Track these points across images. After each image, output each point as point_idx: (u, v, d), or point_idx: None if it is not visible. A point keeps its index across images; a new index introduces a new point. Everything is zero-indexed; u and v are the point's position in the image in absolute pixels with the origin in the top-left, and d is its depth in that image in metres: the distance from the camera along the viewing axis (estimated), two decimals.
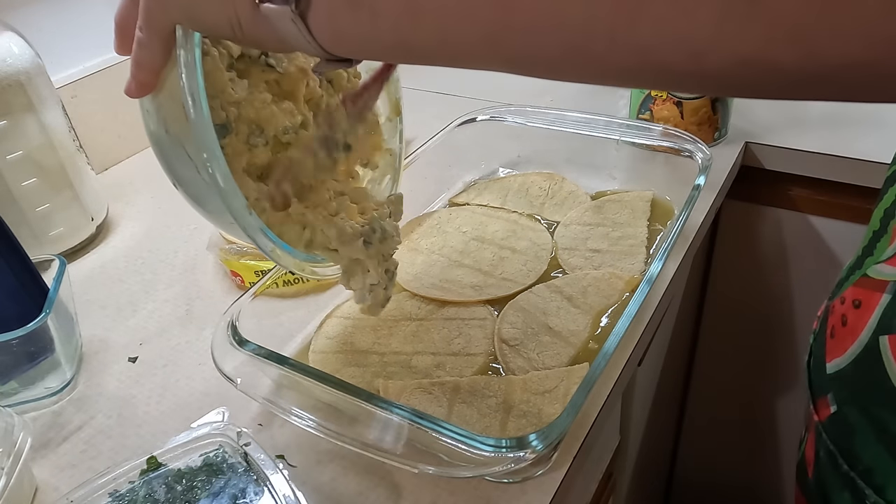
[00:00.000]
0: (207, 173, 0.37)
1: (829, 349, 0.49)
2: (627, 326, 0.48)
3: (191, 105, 0.36)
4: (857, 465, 0.45)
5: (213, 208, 0.41)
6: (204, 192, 0.40)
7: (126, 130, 0.93)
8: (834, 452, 0.47)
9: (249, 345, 0.50)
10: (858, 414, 0.45)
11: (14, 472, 0.45)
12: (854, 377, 0.46)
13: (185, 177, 0.41)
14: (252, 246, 0.42)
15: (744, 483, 1.22)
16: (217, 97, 0.41)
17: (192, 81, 0.35)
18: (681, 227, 0.58)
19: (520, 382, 0.51)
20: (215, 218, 0.43)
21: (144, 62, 0.37)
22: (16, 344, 0.52)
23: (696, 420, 1.18)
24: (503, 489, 0.45)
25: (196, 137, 0.36)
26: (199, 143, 0.36)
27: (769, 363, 1.04)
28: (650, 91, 0.78)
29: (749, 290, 0.98)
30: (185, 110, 0.36)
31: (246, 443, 0.46)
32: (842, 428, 0.47)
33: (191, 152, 0.38)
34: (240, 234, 0.41)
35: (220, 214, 0.40)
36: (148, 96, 0.39)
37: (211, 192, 0.38)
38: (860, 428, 0.45)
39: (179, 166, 0.40)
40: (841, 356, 0.47)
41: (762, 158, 0.83)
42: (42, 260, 0.60)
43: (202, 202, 0.42)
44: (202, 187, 0.39)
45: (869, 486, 0.44)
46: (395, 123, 0.54)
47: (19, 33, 0.69)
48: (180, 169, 0.40)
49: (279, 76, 0.46)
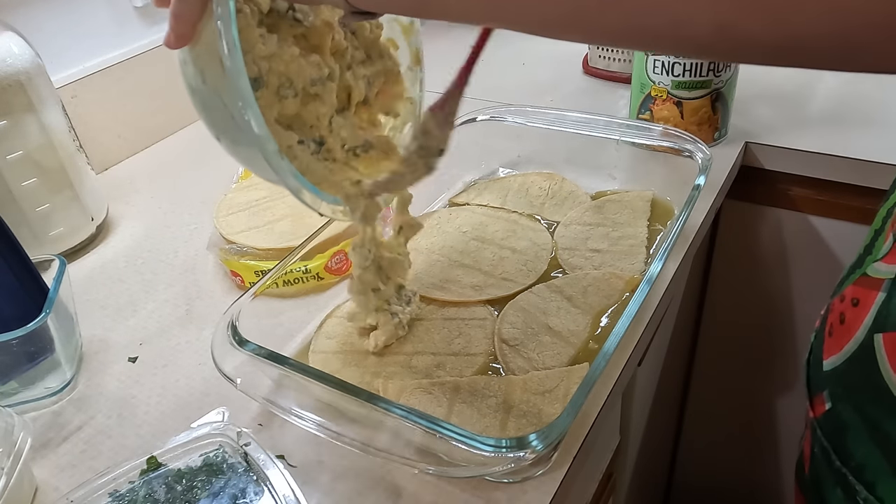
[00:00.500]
0: (242, 120, 0.39)
1: (826, 347, 0.50)
2: (627, 326, 0.48)
3: (227, 55, 0.37)
4: (850, 462, 0.45)
5: (247, 154, 0.44)
6: (239, 138, 0.42)
7: (126, 130, 0.93)
8: (827, 449, 0.48)
9: (249, 345, 0.50)
10: (852, 411, 0.45)
11: (14, 472, 0.45)
12: (848, 374, 0.46)
13: (221, 124, 0.43)
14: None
15: (743, 483, 1.22)
16: (249, 52, 0.43)
17: (228, 33, 0.37)
18: (681, 227, 0.58)
19: (520, 382, 0.51)
20: (250, 163, 0.45)
21: (183, 14, 0.38)
22: (16, 344, 0.52)
23: (696, 420, 1.18)
24: (503, 489, 0.45)
25: (231, 85, 0.38)
26: (235, 91, 0.38)
27: (769, 363, 1.04)
28: (650, 91, 0.78)
29: (749, 290, 0.98)
30: (222, 60, 0.38)
31: (246, 443, 0.46)
32: (835, 425, 0.47)
33: (227, 100, 0.40)
34: (272, 177, 0.44)
35: (255, 159, 0.42)
36: (185, 48, 0.41)
37: (246, 138, 0.40)
38: (853, 425, 0.45)
39: (216, 115, 0.43)
40: (837, 353, 0.47)
41: (762, 158, 0.83)
42: (42, 260, 0.60)
43: (238, 148, 0.45)
44: (237, 134, 0.41)
45: (860, 483, 0.44)
46: (415, 72, 0.56)
47: (19, 33, 0.69)
48: (217, 117, 0.43)
49: (306, 30, 0.48)
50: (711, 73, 0.74)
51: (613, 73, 0.98)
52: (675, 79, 0.75)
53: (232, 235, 0.68)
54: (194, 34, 0.39)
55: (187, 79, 0.43)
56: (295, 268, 0.62)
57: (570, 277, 0.62)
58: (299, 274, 0.63)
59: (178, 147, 0.97)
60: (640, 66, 0.78)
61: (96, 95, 0.88)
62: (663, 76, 0.76)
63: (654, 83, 0.77)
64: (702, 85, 0.75)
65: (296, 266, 0.62)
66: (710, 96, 0.76)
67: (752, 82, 0.90)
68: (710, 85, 0.75)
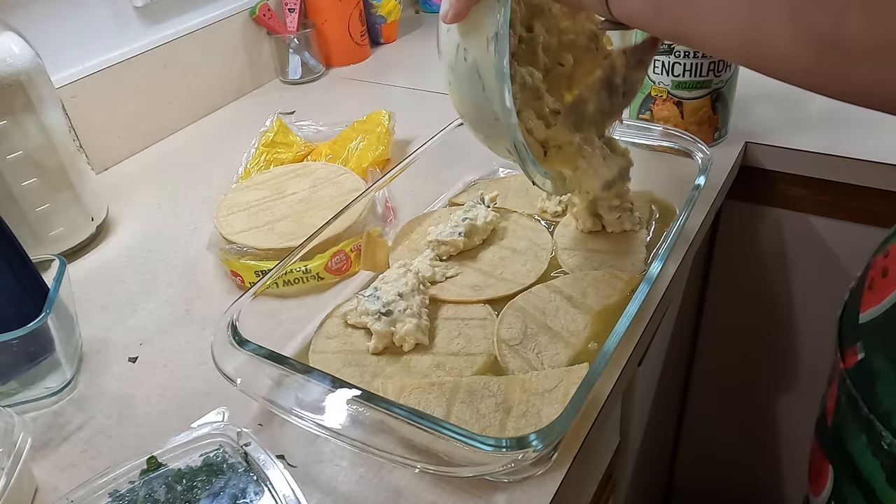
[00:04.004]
0: (498, 94, 0.46)
1: (864, 300, 0.51)
2: (627, 326, 0.49)
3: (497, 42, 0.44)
4: (878, 409, 0.46)
5: (484, 119, 0.50)
6: (482, 105, 0.48)
7: (126, 130, 0.94)
8: (856, 397, 0.48)
9: (249, 345, 0.50)
10: (885, 360, 0.46)
11: (14, 472, 0.45)
12: (886, 325, 0.47)
13: (469, 95, 0.49)
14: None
15: (744, 483, 1.22)
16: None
17: (505, 22, 0.44)
18: (681, 227, 0.58)
19: (519, 382, 0.51)
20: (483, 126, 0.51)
21: None
22: (16, 344, 0.52)
23: (696, 420, 1.18)
24: (503, 489, 0.45)
25: (496, 66, 0.45)
26: (496, 71, 0.45)
27: (769, 363, 1.04)
28: (650, 91, 0.78)
29: (749, 290, 0.98)
30: (492, 43, 0.44)
31: (246, 443, 0.46)
32: (867, 373, 0.48)
33: (483, 73, 0.46)
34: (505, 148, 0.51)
35: (495, 131, 0.49)
36: (456, 24, 0.47)
37: (487, 106, 0.47)
38: (884, 373, 0.46)
39: (468, 86, 0.48)
40: (876, 305, 0.49)
41: (762, 158, 0.83)
42: (42, 260, 0.60)
43: (477, 113, 0.50)
44: (483, 104, 0.48)
45: (887, 429, 0.45)
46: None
47: (19, 33, 0.69)
48: (467, 88, 0.48)
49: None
50: (711, 73, 0.74)
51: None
52: (675, 79, 0.75)
53: (232, 235, 0.68)
54: (468, 13, 0.45)
55: (448, 51, 0.49)
56: (295, 268, 0.62)
57: (570, 277, 0.62)
58: (299, 274, 0.63)
59: (178, 147, 0.97)
60: None
61: (96, 95, 0.88)
62: (663, 76, 0.76)
63: (655, 83, 0.77)
64: (702, 85, 0.75)
65: (296, 266, 0.62)
66: (710, 96, 0.76)
67: (752, 83, 0.89)
68: (710, 85, 0.75)
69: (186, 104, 1.01)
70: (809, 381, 1.02)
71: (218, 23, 1.03)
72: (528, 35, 0.54)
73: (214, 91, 1.05)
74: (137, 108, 0.94)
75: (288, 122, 0.92)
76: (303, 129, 0.93)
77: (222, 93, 1.07)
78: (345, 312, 0.60)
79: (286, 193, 0.74)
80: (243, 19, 1.07)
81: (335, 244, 0.64)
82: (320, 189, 0.74)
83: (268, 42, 1.12)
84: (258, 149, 0.87)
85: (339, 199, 0.71)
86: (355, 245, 0.65)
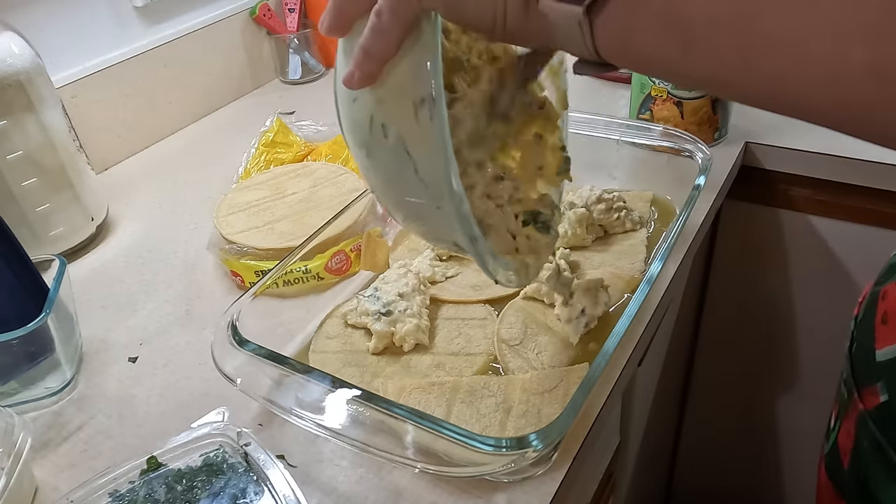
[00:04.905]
0: (439, 175, 0.35)
1: (880, 335, 0.47)
2: (627, 326, 0.48)
3: (433, 106, 0.33)
4: None
5: (419, 209, 0.39)
6: (415, 191, 0.37)
7: (126, 130, 0.94)
8: (881, 443, 0.45)
9: (249, 345, 0.50)
10: None
11: (14, 472, 0.45)
12: None
13: (395, 181, 0.38)
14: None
15: (744, 483, 1.22)
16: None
17: (438, 80, 0.33)
18: (681, 227, 0.58)
19: (519, 382, 0.51)
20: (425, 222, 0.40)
21: (377, 51, 0.34)
22: (16, 344, 0.52)
23: (696, 420, 1.18)
24: (503, 489, 0.45)
25: (430, 138, 0.34)
26: (434, 145, 0.34)
27: (769, 363, 1.04)
28: (650, 91, 0.78)
29: (749, 290, 0.98)
30: (422, 110, 0.34)
31: (246, 443, 0.46)
32: (893, 418, 0.45)
33: (413, 150, 0.35)
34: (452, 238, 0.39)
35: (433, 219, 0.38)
36: (366, 89, 0.36)
37: (424, 192, 0.36)
38: None
39: (393, 170, 0.37)
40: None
41: (762, 158, 0.83)
42: (42, 260, 0.60)
43: (408, 203, 0.39)
44: (416, 190, 0.37)
45: None
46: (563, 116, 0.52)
47: (19, 33, 0.69)
48: (392, 173, 0.37)
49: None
50: None
51: (614, 74, 0.98)
52: None
53: (232, 235, 0.68)
54: (382, 74, 0.34)
55: (355, 123, 0.38)
56: (295, 268, 0.62)
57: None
58: (299, 274, 0.63)
59: (178, 147, 0.97)
60: None
61: (96, 95, 0.88)
62: None
63: (655, 83, 0.77)
64: None
65: (296, 266, 0.62)
66: (710, 96, 0.76)
67: None
68: None
69: (186, 104, 1.01)
70: (809, 381, 1.02)
71: (218, 23, 1.03)
72: (451, 96, 0.41)
73: (214, 91, 1.05)
74: (137, 108, 0.94)
75: (288, 122, 0.92)
76: (303, 129, 0.93)
77: (222, 93, 1.07)
78: (345, 312, 0.60)
79: (286, 193, 0.74)
80: (243, 19, 1.07)
81: (335, 244, 0.64)
82: (320, 189, 0.74)
83: (268, 42, 1.11)
84: (258, 149, 0.87)
85: (339, 199, 0.71)
86: (355, 245, 0.65)
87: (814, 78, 0.25)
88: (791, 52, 0.25)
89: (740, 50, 0.27)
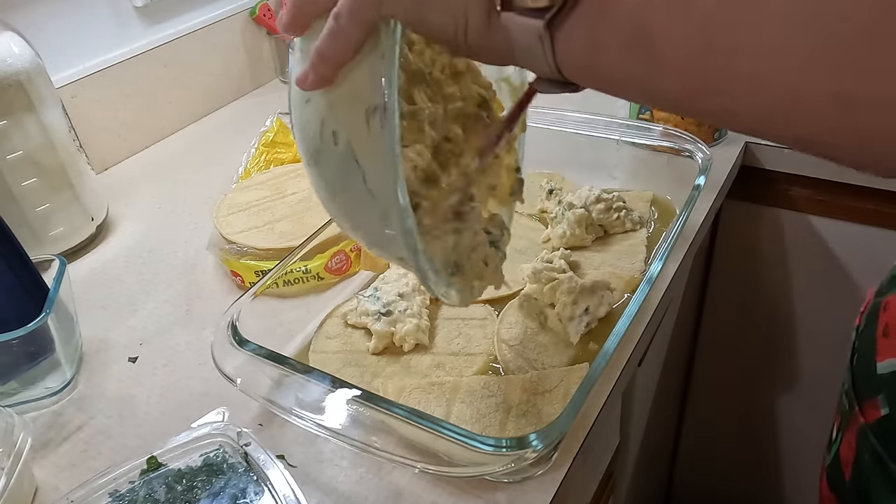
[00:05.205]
0: (387, 187, 0.34)
1: (881, 348, 0.46)
2: (627, 326, 0.48)
3: (384, 115, 0.33)
4: None
5: (366, 219, 0.38)
6: (362, 201, 0.36)
7: (126, 130, 0.93)
8: (882, 456, 0.44)
9: (249, 345, 0.50)
10: None
11: (14, 472, 0.45)
12: None
13: (343, 190, 0.37)
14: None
15: (744, 486, 1.21)
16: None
17: (393, 88, 0.32)
18: (681, 227, 0.58)
19: (520, 382, 0.51)
20: (365, 228, 0.40)
21: (333, 54, 0.33)
22: (16, 344, 0.52)
23: (697, 421, 1.18)
24: (503, 489, 0.45)
25: (382, 147, 0.33)
26: (383, 154, 0.33)
27: (769, 363, 1.04)
28: None
29: (749, 290, 0.98)
30: (374, 118, 0.33)
31: (246, 443, 0.46)
32: (893, 432, 0.44)
33: (362, 159, 0.35)
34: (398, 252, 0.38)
35: (376, 231, 0.37)
36: (318, 92, 0.35)
37: (371, 203, 0.35)
38: None
39: (341, 179, 0.37)
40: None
41: (762, 158, 0.83)
42: (42, 260, 0.60)
43: (355, 212, 0.39)
44: (363, 201, 0.36)
45: None
46: (520, 139, 0.52)
47: (19, 33, 0.69)
48: (340, 182, 0.37)
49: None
50: None
51: None
52: None
53: (232, 235, 0.68)
54: (336, 78, 0.34)
55: (307, 127, 0.37)
56: (295, 268, 0.62)
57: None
58: (299, 274, 0.63)
59: (178, 147, 0.97)
60: None
61: (96, 95, 0.88)
62: None
63: None
64: None
65: (296, 266, 0.62)
66: None
67: None
68: None
69: (186, 104, 1.01)
70: (809, 381, 1.02)
71: (218, 23, 1.03)
72: (409, 108, 0.39)
73: (214, 91, 1.05)
74: (137, 108, 0.94)
75: (288, 121, 0.92)
76: None
77: (222, 93, 1.07)
78: (345, 312, 0.60)
79: (286, 193, 0.74)
80: (243, 19, 1.07)
81: (335, 244, 0.64)
82: None
83: (268, 42, 1.11)
84: (258, 149, 0.87)
85: None
86: (355, 245, 0.65)
87: (772, 104, 0.25)
88: (750, 76, 0.25)
89: (702, 70, 0.26)
